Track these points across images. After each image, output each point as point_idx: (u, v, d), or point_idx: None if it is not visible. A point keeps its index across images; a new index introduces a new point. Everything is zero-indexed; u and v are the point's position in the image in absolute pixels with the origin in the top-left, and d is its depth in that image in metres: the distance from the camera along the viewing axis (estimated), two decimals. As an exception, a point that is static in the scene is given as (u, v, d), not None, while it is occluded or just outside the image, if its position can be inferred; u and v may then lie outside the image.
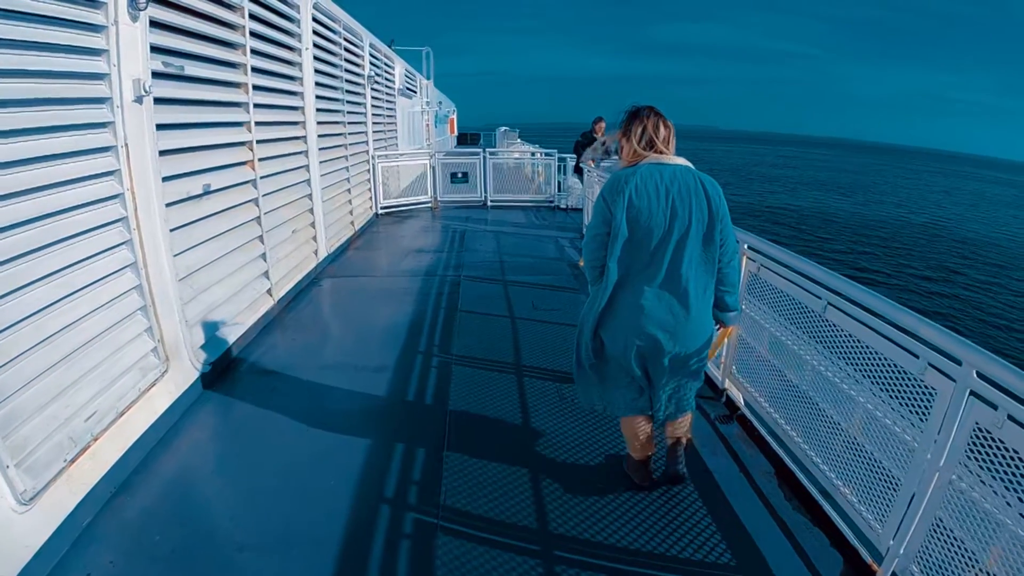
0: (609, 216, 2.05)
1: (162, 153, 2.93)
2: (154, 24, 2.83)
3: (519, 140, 20.24)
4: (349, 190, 7.15)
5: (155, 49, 2.84)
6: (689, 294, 2.04)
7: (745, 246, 2.88)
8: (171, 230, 3.01)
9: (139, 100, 2.68)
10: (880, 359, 1.95)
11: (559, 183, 10.22)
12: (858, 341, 2.05)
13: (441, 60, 16.49)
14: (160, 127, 2.91)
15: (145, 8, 2.63)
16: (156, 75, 2.85)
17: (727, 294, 2.18)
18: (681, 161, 2.08)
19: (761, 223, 26.28)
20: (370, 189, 8.52)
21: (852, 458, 2.14)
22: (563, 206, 9.89)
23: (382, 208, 8.94)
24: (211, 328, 3.48)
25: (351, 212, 7.22)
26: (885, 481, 1.96)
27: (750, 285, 2.91)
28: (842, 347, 2.17)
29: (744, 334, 2.98)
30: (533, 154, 12.58)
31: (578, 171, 8.98)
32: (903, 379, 1.85)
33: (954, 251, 23.97)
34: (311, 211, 5.41)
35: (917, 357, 1.77)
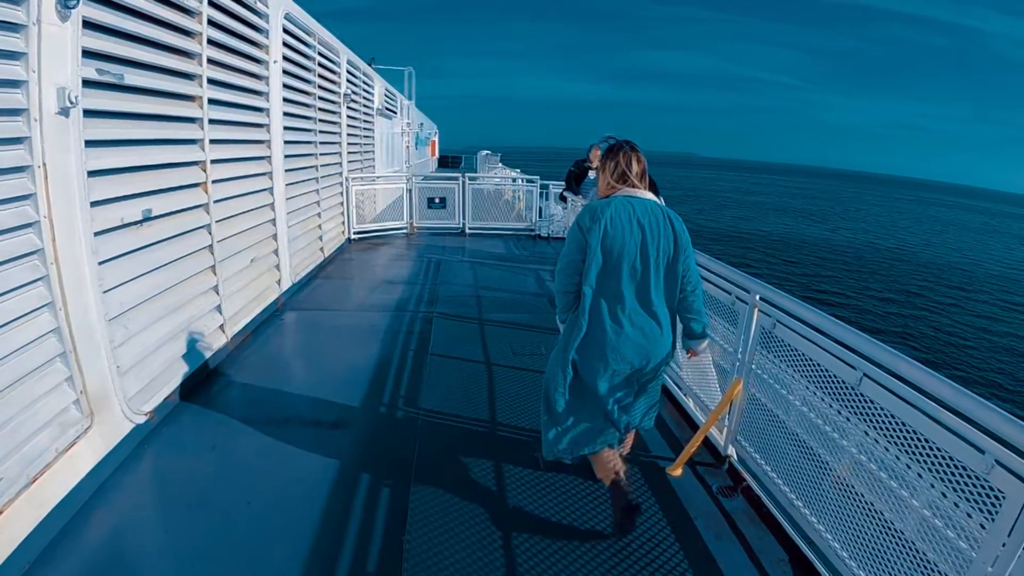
0: (584, 244, 2.15)
1: (92, 174, 2.54)
2: (89, 25, 2.47)
3: (500, 164, 20.14)
4: (319, 214, 6.76)
5: (89, 54, 2.48)
6: (658, 318, 2.18)
7: (757, 297, 2.59)
8: (100, 263, 2.60)
9: (64, 112, 2.30)
10: (931, 448, 1.65)
11: (540, 210, 9.95)
12: (903, 424, 1.74)
13: (424, 81, 16.33)
14: (91, 144, 2.52)
15: (76, 6, 2.26)
16: (88, 84, 2.49)
17: (693, 321, 2.28)
18: (650, 196, 2.21)
19: (731, 247, 26.68)
20: (343, 213, 8.14)
21: (885, 553, 1.83)
22: (544, 235, 9.63)
23: (355, 233, 8.57)
24: (149, 373, 3.02)
25: (320, 238, 6.83)
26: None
27: (763, 342, 2.59)
28: (882, 427, 1.85)
29: (756, 392, 2.66)
30: (515, 179, 12.33)
31: (563, 199, 8.65)
32: (960, 473, 1.56)
33: (917, 275, 24.75)
34: (274, 237, 5.00)
35: (982, 452, 1.49)
